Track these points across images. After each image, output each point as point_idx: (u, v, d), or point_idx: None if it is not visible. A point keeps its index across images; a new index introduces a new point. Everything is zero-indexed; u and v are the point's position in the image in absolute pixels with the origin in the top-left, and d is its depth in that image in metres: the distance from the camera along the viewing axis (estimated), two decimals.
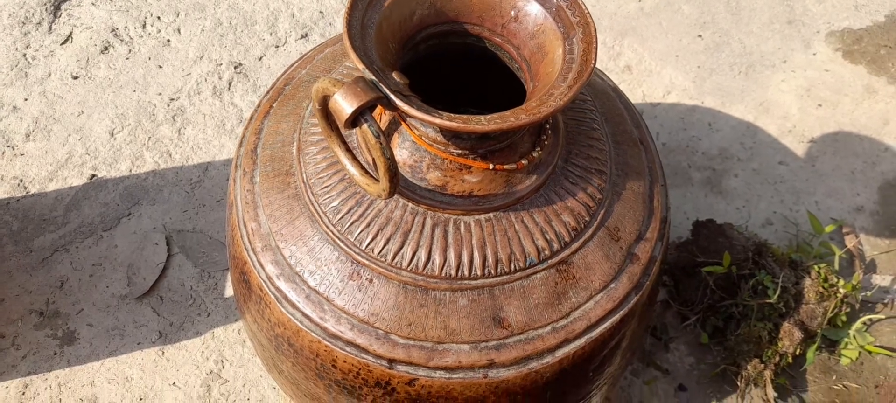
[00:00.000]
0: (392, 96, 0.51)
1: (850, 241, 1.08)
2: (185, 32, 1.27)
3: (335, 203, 0.63)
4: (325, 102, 0.55)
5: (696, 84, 1.26)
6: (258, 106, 0.75)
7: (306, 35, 1.28)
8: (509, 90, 0.70)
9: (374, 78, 0.51)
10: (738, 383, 0.94)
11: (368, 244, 0.61)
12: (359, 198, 0.63)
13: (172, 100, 1.19)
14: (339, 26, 1.30)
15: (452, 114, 0.52)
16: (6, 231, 1.05)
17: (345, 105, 0.50)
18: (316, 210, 0.64)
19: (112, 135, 1.15)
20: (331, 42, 0.80)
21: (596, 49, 0.56)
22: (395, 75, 0.55)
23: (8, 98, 1.18)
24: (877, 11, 1.37)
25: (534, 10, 0.60)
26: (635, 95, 1.24)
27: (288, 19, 1.30)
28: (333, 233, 0.62)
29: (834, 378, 0.97)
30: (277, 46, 1.26)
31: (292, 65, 0.78)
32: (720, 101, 1.24)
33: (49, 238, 1.05)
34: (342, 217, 0.62)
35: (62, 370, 0.95)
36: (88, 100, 1.19)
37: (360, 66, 0.52)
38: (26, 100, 1.18)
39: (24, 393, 0.93)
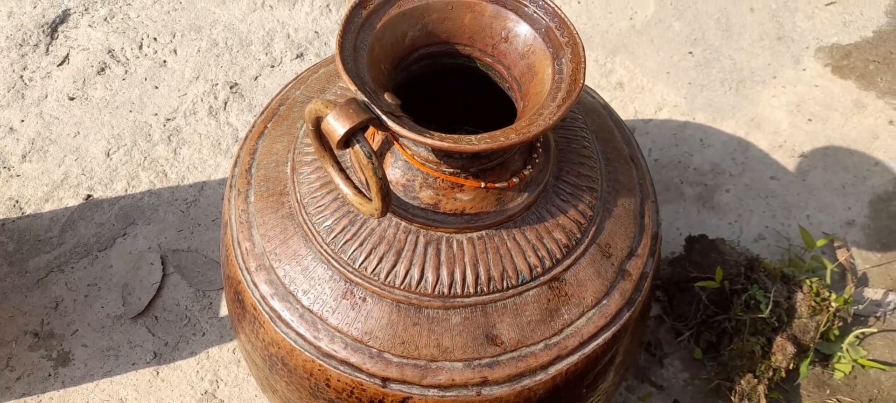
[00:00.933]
0: (383, 117, 0.51)
1: (841, 255, 1.09)
2: (181, 53, 1.28)
3: (328, 222, 0.64)
4: (318, 123, 0.56)
5: (688, 100, 1.27)
6: (253, 126, 0.76)
7: (302, 55, 1.29)
8: (503, 107, 0.71)
9: (365, 99, 0.52)
10: (733, 398, 0.95)
11: (362, 263, 0.62)
12: (352, 217, 0.63)
13: (168, 120, 1.20)
14: (334, 46, 1.31)
15: (443, 134, 0.53)
16: (1, 252, 1.05)
17: (337, 126, 0.50)
18: (310, 229, 0.64)
19: (108, 155, 1.15)
20: (325, 62, 0.81)
21: (585, 69, 0.57)
22: (387, 96, 0.55)
23: (4, 119, 1.19)
24: (865, 27, 1.39)
25: (524, 31, 0.61)
26: (627, 112, 1.25)
27: (283, 39, 1.31)
28: (327, 253, 0.63)
29: (827, 392, 0.97)
30: (273, 66, 1.27)
31: (287, 85, 0.79)
32: (711, 117, 1.25)
33: (44, 258, 1.05)
34: (335, 236, 0.63)
35: (57, 391, 0.95)
36: (85, 121, 1.19)
37: (353, 88, 0.53)
38: (23, 121, 1.19)
39: None
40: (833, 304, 0.97)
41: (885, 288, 1.07)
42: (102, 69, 1.25)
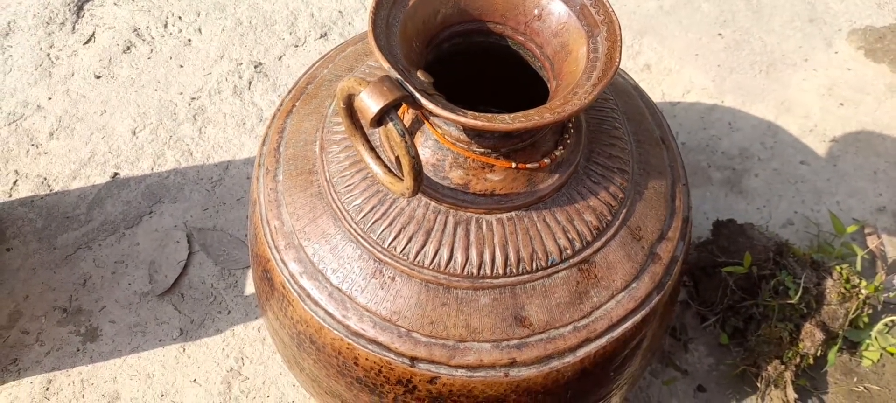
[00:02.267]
0: (417, 95, 0.51)
1: (872, 242, 1.07)
2: (206, 32, 1.29)
3: (358, 201, 0.63)
4: (350, 101, 0.56)
5: (716, 83, 1.25)
6: (281, 104, 0.76)
7: (325, 34, 1.29)
8: (530, 88, 0.70)
9: (399, 77, 0.51)
10: (758, 384, 0.94)
11: (391, 242, 0.62)
12: (381, 196, 0.63)
13: (193, 99, 1.20)
14: (359, 26, 1.30)
15: (477, 113, 0.52)
16: (30, 228, 1.07)
17: (370, 103, 0.50)
18: (339, 208, 0.64)
19: (134, 133, 1.16)
20: (352, 41, 0.80)
21: (621, 47, 0.56)
22: (419, 74, 0.55)
23: (32, 97, 1.20)
24: None
25: (557, 9, 0.60)
26: (655, 94, 1.23)
27: (307, 19, 1.31)
28: (356, 232, 0.63)
29: (855, 380, 0.96)
30: (297, 46, 1.27)
31: (314, 64, 0.79)
32: (740, 100, 1.23)
33: (72, 235, 1.06)
34: (365, 215, 0.63)
35: (85, 366, 0.96)
36: (111, 100, 1.20)
37: (386, 65, 0.52)
38: (50, 99, 1.20)
39: (47, 389, 0.94)
40: (863, 291, 0.96)
41: None
42: (128, 48, 1.26)
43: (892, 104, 1.23)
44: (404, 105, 0.52)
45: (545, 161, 0.61)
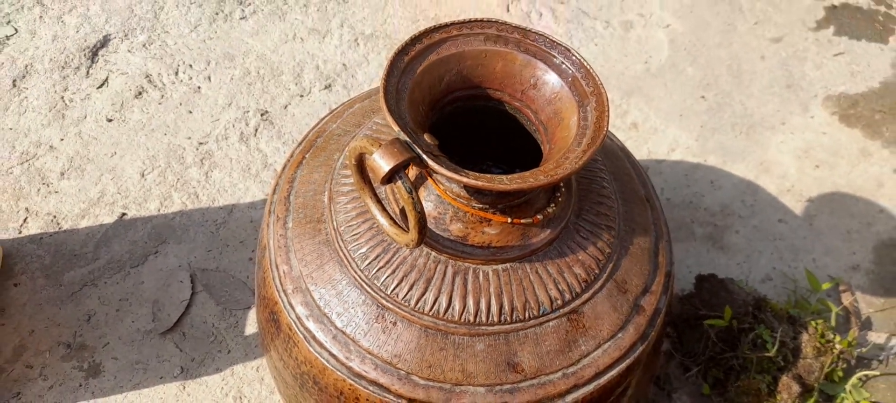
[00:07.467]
0: (425, 157, 0.56)
1: (846, 299, 1.12)
2: (214, 80, 1.34)
3: (363, 250, 0.68)
4: (360, 159, 0.61)
5: (700, 142, 1.32)
6: (291, 155, 0.81)
7: (330, 86, 1.35)
8: (526, 141, 0.75)
9: (408, 139, 0.57)
10: None
11: (393, 289, 0.66)
12: (385, 245, 0.68)
13: (201, 144, 1.25)
14: (361, 78, 1.36)
15: (478, 174, 0.57)
16: (38, 264, 1.10)
17: (382, 163, 0.55)
18: (345, 256, 0.69)
19: (143, 175, 1.21)
20: (359, 98, 0.86)
21: (608, 117, 0.62)
22: (426, 136, 0.60)
23: (45, 138, 1.24)
24: (872, 78, 1.44)
25: (551, 80, 0.66)
26: (641, 152, 1.30)
27: (312, 71, 1.37)
28: (361, 278, 0.67)
29: None
30: (302, 96, 1.33)
31: (323, 118, 0.84)
32: (722, 160, 1.30)
33: (79, 273, 1.10)
34: (369, 263, 0.67)
35: (86, 401, 0.99)
36: (121, 142, 1.25)
37: (396, 128, 0.57)
38: (62, 140, 1.24)
39: None
40: (837, 346, 1.00)
41: (888, 332, 1.10)
42: (140, 93, 1.31)
43: (864, 167, 1.30)
44: (411, 164, 0.58)
45: (538, 217, 0.66)
